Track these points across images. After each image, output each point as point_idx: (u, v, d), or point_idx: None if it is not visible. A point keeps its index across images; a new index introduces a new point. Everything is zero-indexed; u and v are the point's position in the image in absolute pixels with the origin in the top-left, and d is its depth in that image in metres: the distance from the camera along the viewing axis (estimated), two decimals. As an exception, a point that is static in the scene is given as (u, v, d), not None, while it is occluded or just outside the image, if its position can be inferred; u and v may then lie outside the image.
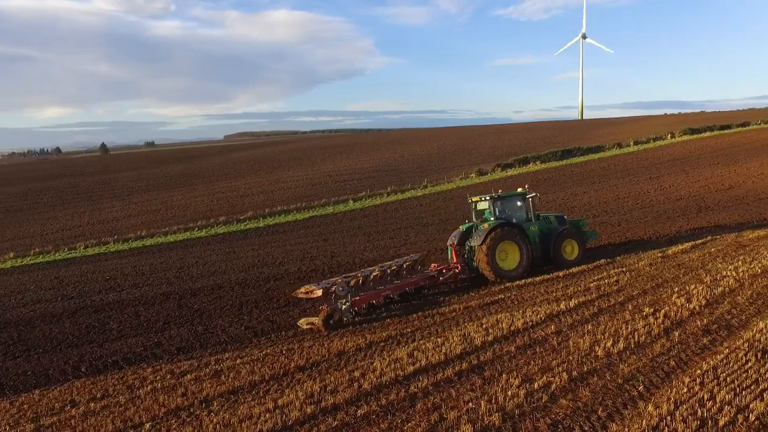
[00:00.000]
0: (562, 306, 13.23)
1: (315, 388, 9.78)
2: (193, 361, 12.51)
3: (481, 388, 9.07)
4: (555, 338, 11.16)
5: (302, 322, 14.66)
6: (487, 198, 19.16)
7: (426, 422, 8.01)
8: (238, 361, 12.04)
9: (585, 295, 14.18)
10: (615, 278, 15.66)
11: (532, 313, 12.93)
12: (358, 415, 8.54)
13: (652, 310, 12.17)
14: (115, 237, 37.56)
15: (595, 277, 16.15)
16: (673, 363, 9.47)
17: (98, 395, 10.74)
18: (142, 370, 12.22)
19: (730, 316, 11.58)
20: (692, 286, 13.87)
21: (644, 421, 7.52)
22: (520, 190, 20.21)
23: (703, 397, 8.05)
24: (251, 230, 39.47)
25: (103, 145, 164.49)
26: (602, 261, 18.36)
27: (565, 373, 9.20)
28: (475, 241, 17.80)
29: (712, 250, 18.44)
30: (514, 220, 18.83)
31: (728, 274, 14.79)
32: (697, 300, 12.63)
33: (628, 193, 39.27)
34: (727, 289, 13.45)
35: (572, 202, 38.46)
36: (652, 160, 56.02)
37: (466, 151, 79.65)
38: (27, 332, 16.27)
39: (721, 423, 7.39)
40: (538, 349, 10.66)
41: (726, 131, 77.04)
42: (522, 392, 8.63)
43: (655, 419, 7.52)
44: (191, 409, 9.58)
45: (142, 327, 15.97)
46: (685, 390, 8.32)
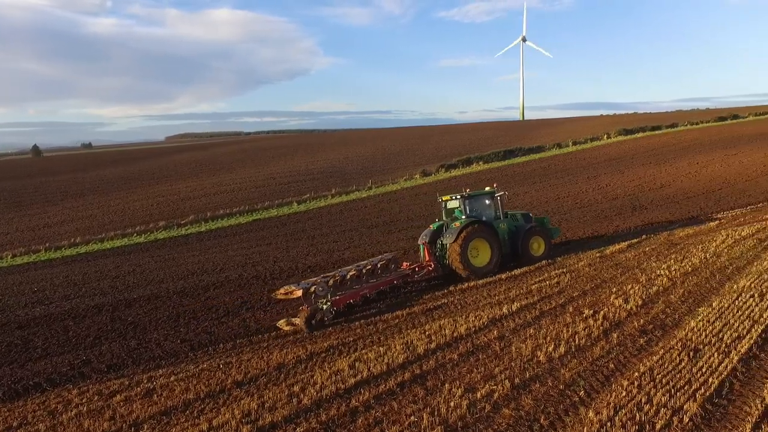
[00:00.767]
0: (505, 310, 13.25)
1: (252, 405, 9.36)
2: (124, 379, 11.81)
3: (423, 399, 8.89)
4: (498, 344, 11.12)
5: (282, 323, 14.55)
6: (458, 197, 19.59)
7: (367, 439, 7.77)
8: (173, 378, 11.44)
9: (527, 298, 14.28)
10: (556, 279, 15.87)
11: (475, 318, 12.89)
12: (297, 433, 8.21)
13: (592, 312, 12.34)
14: (47, 245, 35.56)
15: (537, 279, 16.32)
16: (612, 366, 9.57)
17: (14, 424, 9.93)
18: (67, 392, 11.42)
19: (664, 316, 11.86)
20: (629, 286, 14.18)
21: (585, 428, 7.52)
22: (488, 189, 20.64)
23: (641, 400, 8.13)
24: (192, 235, 38.24)
25: (35, 147, 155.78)
26: (543, 262, 18.62)
27: (507, 381, 9.14)
28: (447, 239, 18.18)
29: (647, 249, 18.99)
30: (484, 218, 19.22)
31: (662, 273, 15.22)
32: (634, 300, 12.90)
33: (568, 193, 40.27)
34: (661, 288, 13.82)
35: (514, 202, 39.08)
36: (589, 160, 57.76)
37: (410, 151, 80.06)
38: (-60, 353, 15.09)
39: (658, 426, 7.46)
40: (481, 356, 10.59)
41: (657, 132, 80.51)
42: (465, 403, 8.50)
43: (596, 426, 7.52)
44: (119, 434, 8.99)
45: (71, 343, 15.04)
46: (624, 394, 8.39)
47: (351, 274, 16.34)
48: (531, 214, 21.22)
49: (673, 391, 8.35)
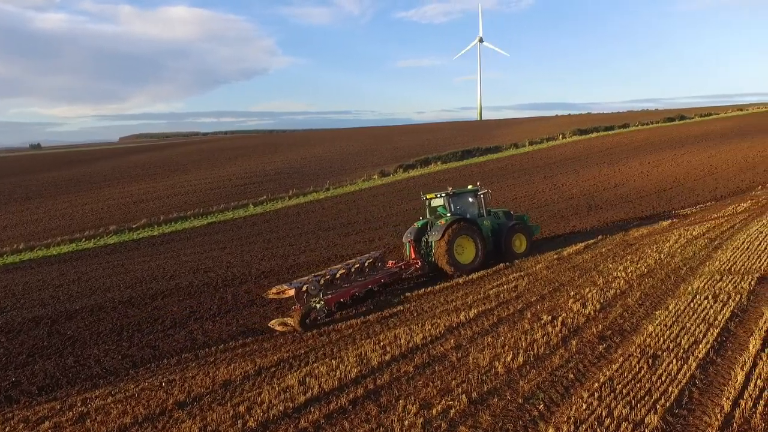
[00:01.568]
0: (462, 317, 12.88)
1: (194, 429, 8.69)
2: (56, 403, 10.91)
3: (376, 418, 8.40)
4: (454, 354, 10.72)
5: (274, 323, 14.29)
6: (443, 195, 19.77)
7: (315, 465, 7.22)
8: (110, 400, 10.63)
9: (484, 304, 13.96)
10: (514, 283, 15.62)
11: (431, 326, 12.48)
12: (240, 461, 7.60)
13: (550, 318, 12.08)
14: (-14, 252, 33.67)
15: (495, 283, 16.05)
16: (571, 375, 9.28)
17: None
18: (-10, 418, 10.48)
19: (622, 320, 11.70)
20: (587, 290, 14.02)
21: (544, 446, 7.17)
22: (471, 187, 20.90)
23: (602, 413, 7.84)
24: (145, 239, 36.77)
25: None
26: (501, 265, 18.39)
27: (464, 396, 8.73)
28: (433, 237, 18.27)
29: (603, 250, 18.99)
30: (468, 216, 19.41)
31: (618, 275, 15.15)
32: (592, 305, 12.72)
33: (525, 193, 40.50)
34: (618, 291, 13.71)
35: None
36: (546, 160, 58.45)
37: (368, 152, 79.62)
38: None
39: (620, 441, 7.17)
40: (437, 368, 10.17)
41: (610, 132, 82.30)
42: (420, 421, 8.05)
43: (556, 443, 7.18)
44: (43, 467, 8.20)
45: (0, 363, 13.96)
46: (584, 407, 8.08)
47: (341, 272, 16.34)
48: (512, 212, 21.65)
49: (633, 402, 8.09)
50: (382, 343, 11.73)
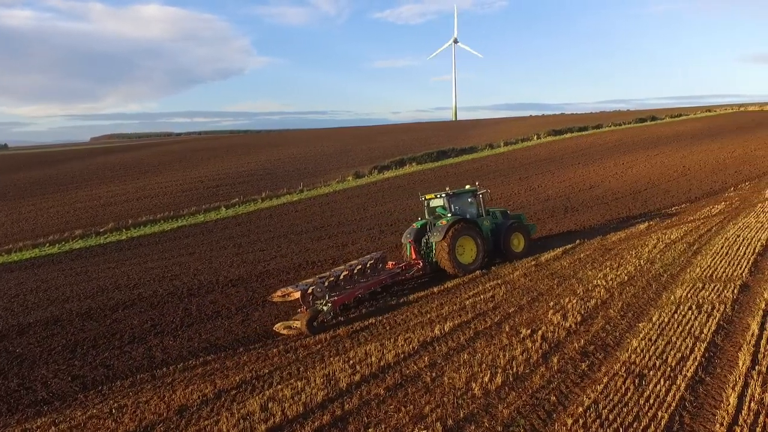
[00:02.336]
0: (437, 331, 12.19)
1: (141, 466, 7.85)
2: (-8, 433, 9.95)
3: (343, 451, 7.66)
4: (429, 373, 10.02)
5: (279, 327, 14.00)
6: (443, 195, 19.75)
7: None
8: (52, 430, 9.69)
9: (460, 315, 13.29)
10: (491, 293, 14.98)
11: (405, 341, 11.76)
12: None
13: (530, 331, 11.46)
14: (-60, 260, 31.99)
15: (471, 293, 15.39)
16: (554, 398, 8.64)
17: None
18: None
19: (605, 334, 11.13)
20: (566, 300, 13.45)
21: (527, 484, 6.50)
22: (469, 187, 21.00)
23: (587, 444, 7.21)
24: (111, 244, 35.35)
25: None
26: (477, 273, 17.78)
27: (439, 423, 8.04)
28: (435, 237, 18.18)
29: (582, 255, 18.50)
30: (468, 216, 19.39)
31: (598, 283, 14.63)
32: (573, 316, 12.14)
33: (501, 194, 40.08)
34: (599, 301, 13.17)
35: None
36: (521, 161, 58.27)
37: (344, 152, 78.73)
38: None
39: (608, 477, 6.54)
40: (410, 390, 9.45)
41: (584, 132, 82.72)
42: (390, 455, 7.33)
43: (539, 481, 6.52)
44: None
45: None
46: (568, 436, 7.45)
47: (344, 274, 16.13)
48: (509, 211, 21.74)
49: (621, 429, 7.48)
50: (351, 362, 10.97)
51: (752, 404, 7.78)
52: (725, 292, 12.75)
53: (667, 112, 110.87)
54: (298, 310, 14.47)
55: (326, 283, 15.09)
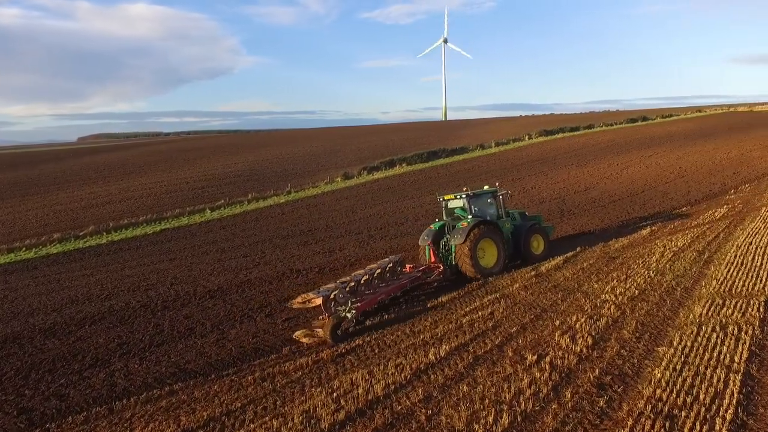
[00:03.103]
0: (431, 356, 10.88)
1: None
2: None
3: None
4: (423, 410, 8.71)
5: (300, 335, 13.32)
6: (463, 196, 19.15)
7: None
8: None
9: (457, 336, 11.98)
10: (489, 309, 13.67)
11: (396, 369, 10.44)
12: None
13: (536, 357, 10.20)
14: None
15: (467, 308, 14.07)
16: (570, 446, 7.38)
17: None
18: None
19: (621, 360, 9.88)
20: (574, 318, 12.19)
21: None
22: (488, 187, 20.40)
23: None
24: (90, 249, 33.64)
25: None
26: (473, 285, 16.49)
27: (437, 481, 6.74)
28: (455, 240, 17.50)
29: (585, 265, 17.28)
30: (488, 218, 18.75)
31: (607, 297, 13.40)
32: (583, 339, 10.89)
33: (493, 197, 38.88)
34: (609, 319, 11.93)
35: (439, 207, 37.29)
36: (513, 161, 57.17)
37: (332, 153, 77.28)
38: None
39: None
40: (402, 432, 8.14)
41: (575, 133, 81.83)
42: None
43: None
44: None
45: None
46: (594, 501, 6.18)
47: (364, 279, 15.47)
48: (526, 212, 21.18)
49: (656, 491, 6.22)
50: (335, 394, 9.62)
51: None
52: (750, 310, 11.56)
53: (658, 113, 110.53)
54: (319, 317, 13.61)
55: (347, 289, 14.40)
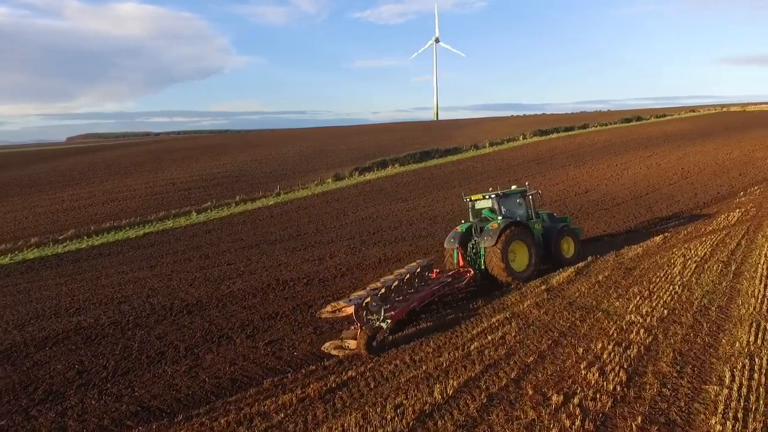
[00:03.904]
0: (437, 394, 9.21)
1: None
2: None
3: None
4: (432, 473, 7.07)
5: (329, 347, 12.52)
6: (492, 196, 18.35)
7: None
8: None
9: (465, 367, 10.33)
10: (499, 332, 12.01)
11: (395, 411, 8.76)
12: None
13: (562, 398, 8.57)
14: None
15: (474, 331, 12.38)
16: None
17: None
18: None
19: (665, 404, 8.28)
20: (599, 345, 10.59)
21: None
22: (515, 187, 19.73)
23: None
24: (69, 254, 31.76)
25: None
26: (479, 301, 14.84)
27: None
28: (486, 242, 16.62)
29: (600, 277, 15.68)
30: (518, 218, 17.98)
31: (633, 319, 11.81)
32: (614, 372, 9.29)
33: (491, 199, 37.35)
34: (641, 347, 10.33)
35: (434, 210, 35.81)
36: (508, 162, 55.73)
37: (323, 153, 75.54)
38: None
39: None
40: (407, 507, 6.49)
41: (570, 132, 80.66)
42: None
43: None
44: None
45: None
46: None
47: (395, 285, 14.39)
48: (555, 214, 20.61)
49: None
50: (323, 449, 7.96)
51: None
52: (806, 336, 10.01)
53: (651, 112, 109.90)
54: (351, 326, 12.70)
55: (379, 296, 13.39)
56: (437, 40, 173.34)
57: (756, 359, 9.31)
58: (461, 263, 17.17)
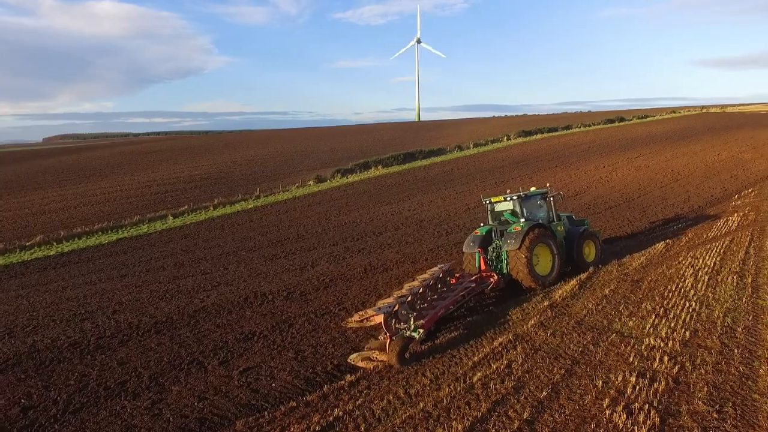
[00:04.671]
0: (441, 442, 7.86)
1: None
2: None
3: None
4: None
5: (356, 358, 11.73)
6: (514, 197, 17.89)
7: None
8: None
9: (469, 405, 8.96)
10: (504, 359, 10.65)
11: (393, 467, 7.40)
12: None
13: (587, 448, 7.27)
14: None
15: (475, 357, 11.01)
16: None
17: None
18: None
19: (709, 455, 7.02)
20: (620, 377, 9.29)
21: None
22: (534, 189, 19.30)
23: None
24: (35, 262, 29.79)
25: None
26: (478, 318, 13.51)
27: None
28: (509, 246, 15.92)
29: (606, 291, 14.44)
30: (540, 221, 17.42)
31: (653, 343, 10.55)
32: (644, 413, 7.99)
33: (478, 202, 36.11)
34: (669, 379, 9.06)
35: (420, 214, 34.45)
36: (494, 163, 54.69)
37: (304, 155, 73.90)
38: None
39: None
40: None
41: (554, 133, 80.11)
42: None
43: None
44: None
45: None
46: None
47: (420, 291, 13.63)
48: (574, 216, 20.19)
49: None
50: None
51: None
52: None
53: (633, 113, 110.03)
54: (380, 336, 12.06)
55: (407, 303, 12.66)
56: (419, 40, 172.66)
57: (806, 396, 8.10)
58: (483, 267, 16.47)
